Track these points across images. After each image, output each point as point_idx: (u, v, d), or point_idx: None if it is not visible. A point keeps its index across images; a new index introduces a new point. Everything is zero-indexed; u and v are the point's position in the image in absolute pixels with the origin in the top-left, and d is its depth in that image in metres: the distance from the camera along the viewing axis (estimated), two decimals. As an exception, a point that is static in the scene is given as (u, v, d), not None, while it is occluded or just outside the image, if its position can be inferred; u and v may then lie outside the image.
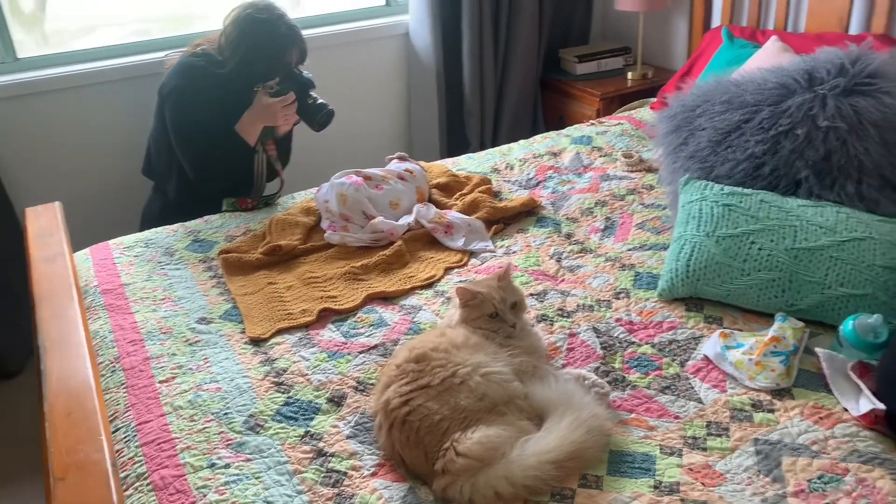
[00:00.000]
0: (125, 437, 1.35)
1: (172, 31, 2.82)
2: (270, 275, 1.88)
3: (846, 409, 1.31)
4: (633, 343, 1.52)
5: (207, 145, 2.21)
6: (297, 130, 2.40)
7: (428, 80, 3.07)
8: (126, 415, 1.41)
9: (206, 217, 2.21)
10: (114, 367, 1.55)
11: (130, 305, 1.78)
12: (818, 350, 1.43)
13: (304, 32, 2.32)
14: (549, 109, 3.34)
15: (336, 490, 1.23)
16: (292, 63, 2.25)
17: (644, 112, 2.74)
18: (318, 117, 2.26)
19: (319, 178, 2.34)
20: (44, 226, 1.89)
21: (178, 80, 2.21)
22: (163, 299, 1.80)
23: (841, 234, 1.56)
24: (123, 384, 1.50)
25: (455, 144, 3.21)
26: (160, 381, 1.50)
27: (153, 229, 2.15)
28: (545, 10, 3.17)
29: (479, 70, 3.09)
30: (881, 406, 1.27)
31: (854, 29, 2.38)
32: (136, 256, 2.01)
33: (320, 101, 2.27)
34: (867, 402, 1.30)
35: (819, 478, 1.18)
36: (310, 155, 2.72)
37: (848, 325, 1.43)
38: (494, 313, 1.43)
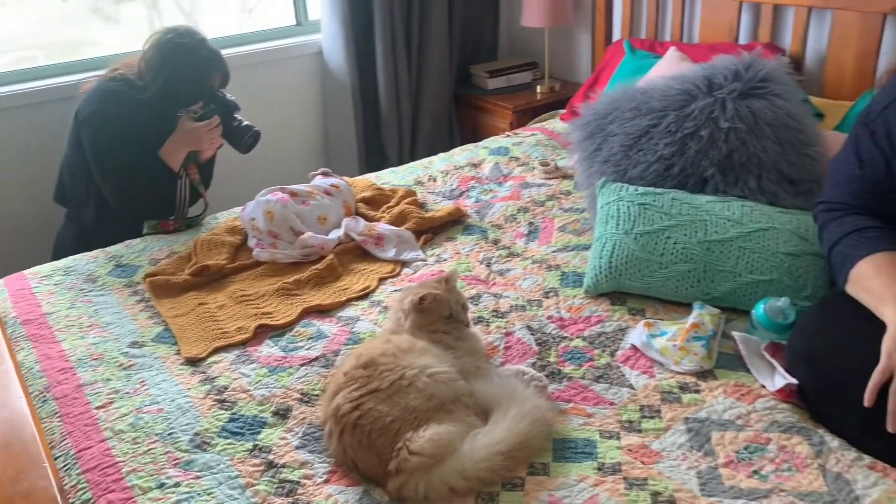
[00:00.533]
0: (65, 466, 1.31)
1: (61, 59, 2.74)
2: (200, 295, 1.86)
3: (763, 386, 1.42)
4: (566, 338, 1.60)
5: (129, 171, 2.17)
6: (218, 152, 2.38)
7: (343, 97, 3.10)
8: (63, 443, 1.37)
9: (126, 242, 2.15)
10: (44, 396, 1.50)
11: (55, 334, 1.73)
12: (734, 333, 1.54)
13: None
14: (463, 123, 3.43)
15: (290, 499, 1.24)
16: (215, 87, 2.24)
17: (555, 123, 2.85)
18: (244, 139, 2.26)
19: (239, 198, 2.34)
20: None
21: (96, 106, 2.16)
22: (90, 326, 1.76)
23: (747, 225, 1.69)
24: (57, 413, 1.45)
25: (373, 159, 3.24)
26: (97, 407, 1.46)
27: (71, 257, 2.09)
28: (454, 27, 3.27)
29: (394, 87, 3.15)
30: (794, 381, 1.38)
31: (743, 39, 2.57)
32: (55, 285, 1.95)
33: (245, 123, 2.27)
34: (781, 379, 1.41)
35: (745, 448, 1.27)
36: (228, 175, 2.69)
37: (759, 309, 1.54)
38: (450, 315, 1.47)
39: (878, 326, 1.27)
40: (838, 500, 1.15)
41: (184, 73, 2.16)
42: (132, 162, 2.17)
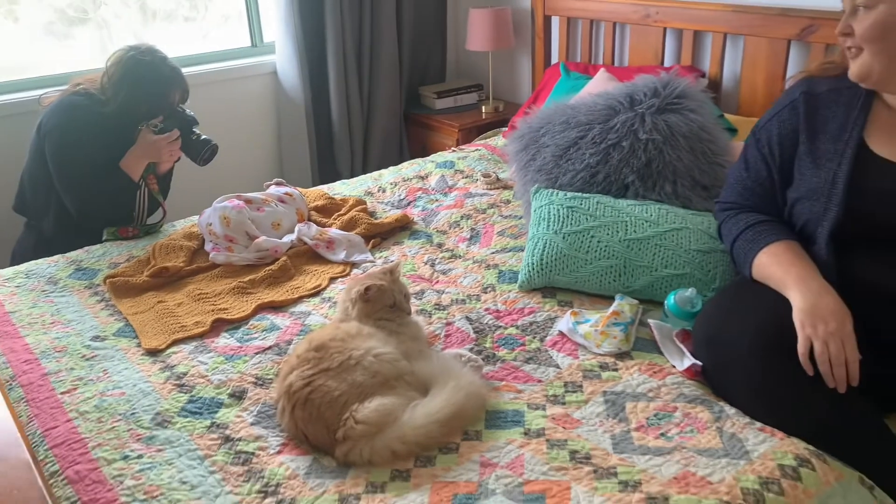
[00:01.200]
0: (33, 444, 1.41)
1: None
2: (159, 294, 1.97)
3: (673, 366, 1.59)
4: (501, 327, 1.75)
5: (91, 182, 2.26)
6: (176, 164, 2.49)
7: (297, 115, 3.24)
8: (31, 424, 1.46)
9: (86, 248, 2.25)
10: (10, 384, 1.59)
11: (18, 330, 1.82)
12: (650, 321, 1.71)
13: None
14: (413, 140, 3.60)
15: (246, 468, 1.36)
16: (175, 103, 2.36)
17: (498, 139, 3.04)
18: (202, 152, 2.37)
19: (196, 207, 2.45)
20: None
21: (59, 118, 2.26)
22: (52, 323, 1.85)
23: (663, 226, 1.87)
24: (23, 399, 1.54)
25: (326, 176, 3.38)
26: (62, 393, 1.56)
27: (33, 261, 2.17)
28: (404, 50, 3.45)
29: (346, 106, 3.30)
30: (698, 362, 1.56)
31: (668, 62, 2.79)
32: (17, 287, 2.03)
33: (204, 136, 2.39)
34: (688, 360, 1.58)
35: (655, 415, 1.44)
36: (185, 186, 2.80)
37: (670, 300, 1.72)
38: (393, 304, 1.61)
39: (755, 312, 1.47)
40: (731, 454, 1.32)
41: (145, 88, 2.28)
42: (93, 173, 2.27)
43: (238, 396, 1.54)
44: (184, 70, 2.45)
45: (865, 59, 1.46)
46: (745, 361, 1.43)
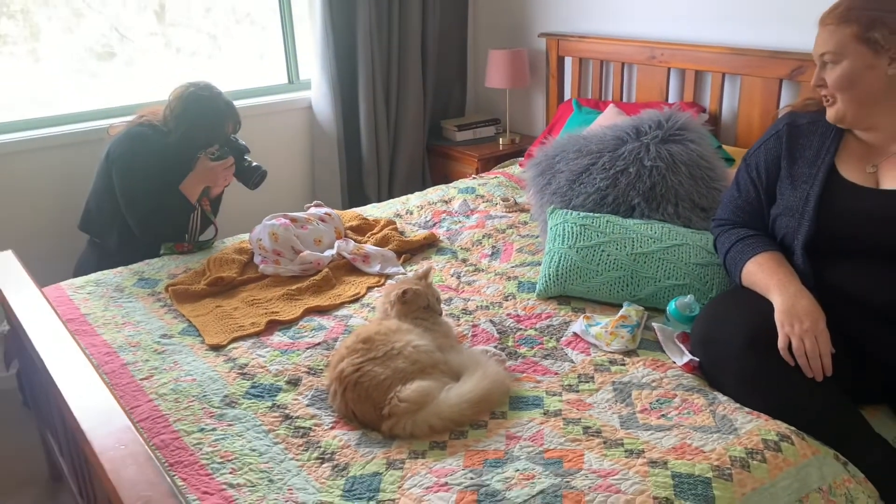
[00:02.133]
0: (122, 418, 1.64)
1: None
2: (216, 300, 2.21)
3: (674, 362, 1.81)
4: (521, 329, 1.98)
5: (152, 204, 2.52)
6: (225, 189, 2.76)
7: (330, 145, 3.52)
8: (118, 403, 1.70)
9: (146, 260, 2.50)
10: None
11: (95, 329, 2.06)
12: (654, 324, 1.94)
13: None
14: (435, 170, 3.86)
15: (305, 440, 1.58)
16: (229, 133, 2.63)
17: (515, 168, 3.29)
18: (254, 177, 2.65)
19: (239, 226, 2.74)
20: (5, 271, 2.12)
21: (126, 147, 2.53)
22: (123, 323, 2.09)
23: (666, 242, 2.11)
24: (108, 384, 1.77)
25: (355, 200, 3.64)
26: (140, 379, 1.80)
27: (100, 272, 2.42)
28: (428, 87, 3.73)
29: (375, 137, 3.58)
30: (696, 358, 1.78)
31: (672, 98, 3.05)
32: (88, 294, 2.28)
33: (255, 163, 2.66)
34: (687, 356, 1.80)
35: (657, 400, 1.65)
36: (230, 207, 3.06)
37: (672, 306, 1.94)
38: (427, 305, 1.85)
39: (744, 314, 1.69)
40: (722, 431, 1.53)
41: (203, 121, 2.56)
42: (154, 196, 2.53)
43: (294, 383, 1.78)
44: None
45: (839, 106, 1.71)
46: (736, 357, 1.65)
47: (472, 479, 1.41)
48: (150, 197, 2.52)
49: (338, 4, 3.37)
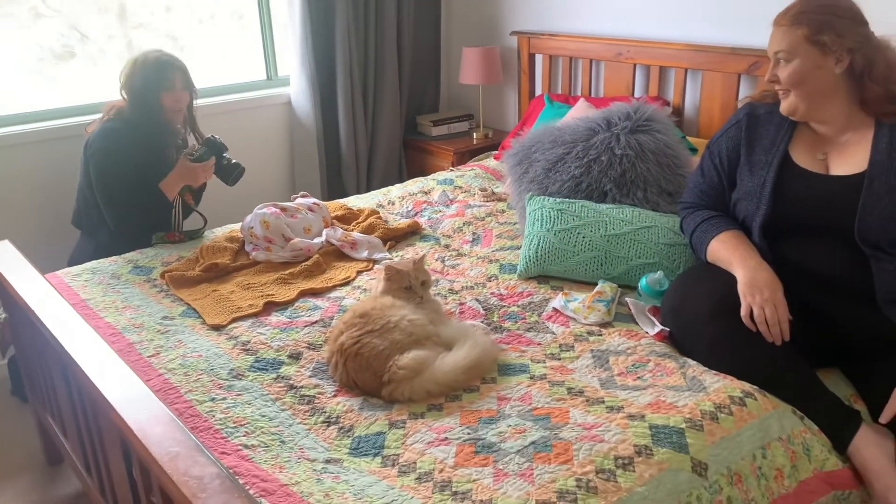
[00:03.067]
0: (135, 390, 1.74)
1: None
2: (212, 285, 2.31)
3: (646, 332, 1.97)
4: (504, 306, 2.12)
5: (129, 201, 2.59)
6: (208, 184, 2.85)
7: (309, 140, 3.62)
8: (129, 378, 1.79)
9: (139, 250, 2.59)
10: (103, 351, 1.92)
11: (98, 313, 2.15)
12: (627, 299, 2.09)
13: (199, 101, 2.83)
14: (411, 164, 3.99)
15: (310, 406, 1.70)
16: (177, 87, 2.65)
17: (489, 161, 3.44)
18: (233, 175, 2.75)
19: (222, 218, 2.86)
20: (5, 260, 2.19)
21: (100, 144, 2.59)
22: (124, 308, 2.18)
23: (636, 224, 2.26)
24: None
25: (335, 193, 3.75)
26: (148, 356, 1.90)
27: (95, 261, 2.50)
28: (403, 84, 3.86)
29: (353, 132, 3.69)
30: (666, 328, 1.93)
31: (638, 93, 3.22)
32: (86, 281, 2.36)
33: (234, 161, 2.75)
34: (658, 327, 1.96)
35: (633, 365, 1.81)
36: (213, 200, 3.14)
37: (643, 282, 2.10)
38: (408, 286, 1.98)
39: (709, 287, 1.86)
40: (692, 389, 1.69)
41: (148, 77, 2.58)
42: (131, 191, 2.59)
43: (295, 357, 1.89)
44: (207, 100, 2.79)
45: (792, 99, 1.87)
46: (703, 325, 1.81)
47: (469, 434, 1.55)
48: (127, 193, 2.59)
49: (316, 3, 3.48)
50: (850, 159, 1.84)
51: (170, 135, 2.70)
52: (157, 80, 2.62)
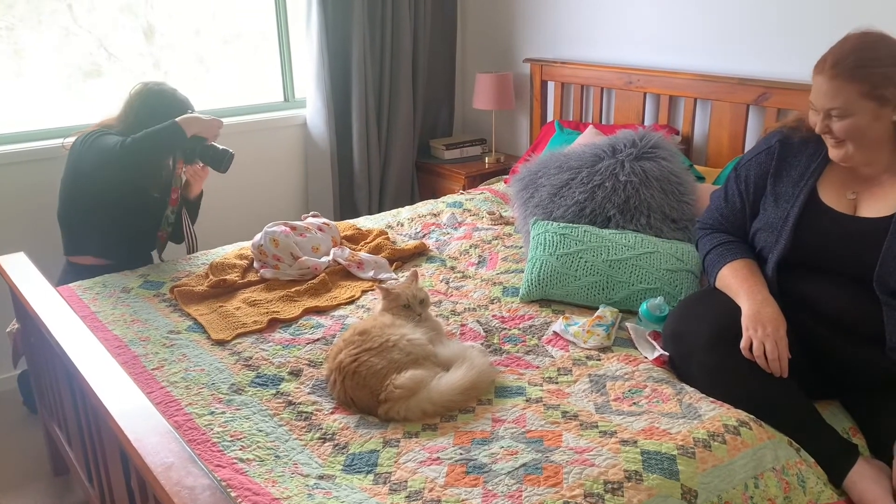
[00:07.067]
0: (137, 402, 1.77)
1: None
2: (219, 301, 2.35)
3: (646, 357, 1.97)
4: (506, 328, 2.14)
5: (127, 207, 2.65)
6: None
7: (323, 161, 3.68)
8: (132, 390, 1.83)
9: (149, 265, 2.64)
10: (109, 363, 1.96)
11: (106, 325, 2.19)
12: (627, 324, 2.10)
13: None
14: (423, 186, 4.03)
15: (307, 422, 1.73)
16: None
17: (500, 185, 3.47)
18: (223, 161, 2.67)
19: (236, 236, 2.86)
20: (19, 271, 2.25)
21: (95, 158, 2.57)
22: (132, 321, 2.23)
23: (638, 249, 2.28)
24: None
25: (347, 213, 3.80)
26: (152, 369, 1.93)
27: (107, 275, 2.55)
28: (417, 108, 3.92)
29: (367, 154, 3.74)
30: (665, 353, 1.94)
31: (647, 121, 3.25)
32: (97, 294, 2.41)
33: (222, 147, 2.68)
34: (657, 352, 1.97)
35: (629, 390, 1.81)
36: (225, 220, 3.21)
37: (644, 307, 2.11)
38: (407, 304, 2.00)
39: (711, 314, 1.86)
40: (688, 416, 1.69)
41: (166, 111, 2.62)
42: (129, 199, 2.64)
43: (296, 374, 1.92)
44: (225, 120, 2.84)
45: (849, 149, 1.75)
46: (703, 351, 1.82)
47: (461, 454, 1.56)
48: (124, 200, 2.64)
49: (333, 27, 3.56)
50: (882, 201, 1.79)
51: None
52: (182, 112, 2.66)
